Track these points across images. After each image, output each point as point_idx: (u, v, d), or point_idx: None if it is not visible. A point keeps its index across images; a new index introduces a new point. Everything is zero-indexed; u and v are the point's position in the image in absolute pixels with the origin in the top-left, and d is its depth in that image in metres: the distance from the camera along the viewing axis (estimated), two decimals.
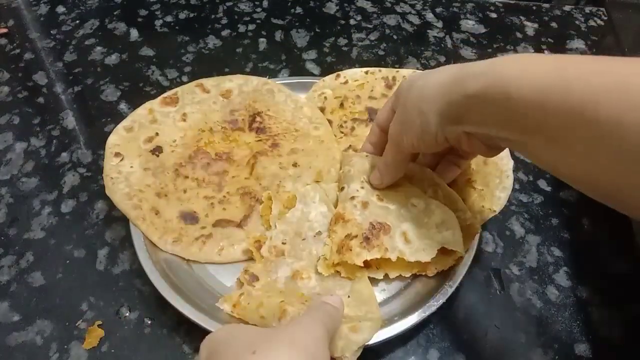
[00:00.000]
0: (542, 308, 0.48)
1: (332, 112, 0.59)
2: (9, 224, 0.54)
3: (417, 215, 0.47)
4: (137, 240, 0.48)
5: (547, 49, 0.75)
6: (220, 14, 0.80)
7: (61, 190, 0.57)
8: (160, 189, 0.52)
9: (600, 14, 0.81)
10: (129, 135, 0.55)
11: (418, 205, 0.47)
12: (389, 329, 0.42)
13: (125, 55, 0.73)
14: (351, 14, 0.81)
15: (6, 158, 0.60)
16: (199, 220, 0.50)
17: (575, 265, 0.51)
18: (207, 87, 0.60)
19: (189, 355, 0.45)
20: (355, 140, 0.57)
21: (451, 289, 0.44)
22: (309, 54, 0.74)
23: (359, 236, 0.45)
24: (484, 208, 0.49)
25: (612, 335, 0.46)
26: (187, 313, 0.43)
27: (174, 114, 0.57)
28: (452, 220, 0.46)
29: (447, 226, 0.46)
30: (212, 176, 0.53)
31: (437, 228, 0.46)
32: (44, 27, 0.78)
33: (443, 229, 0.46)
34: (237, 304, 0.43)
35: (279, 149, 0.56)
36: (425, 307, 0.43)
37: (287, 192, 0.52)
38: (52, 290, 0.49)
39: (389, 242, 0.45)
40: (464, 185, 0.51)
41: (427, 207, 0.47)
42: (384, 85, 0.60)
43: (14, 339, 0.46)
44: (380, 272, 0.46)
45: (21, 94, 0.68)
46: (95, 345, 0.45)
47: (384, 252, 0.44)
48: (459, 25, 0.79)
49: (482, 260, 0.51)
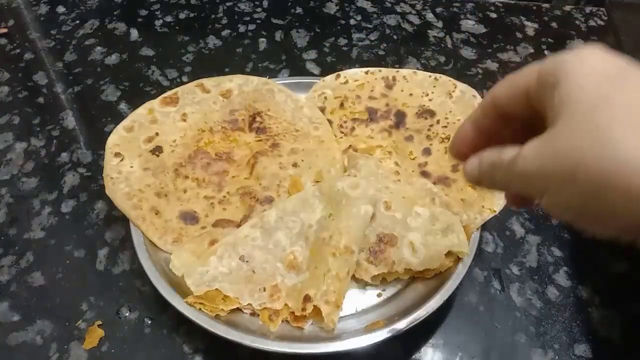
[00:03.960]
0: (542, 308, 0.48)
1: (332, 112, 0.59)
2: (9, 224, 0.54)
3: (423, 223, 0.47)
4: (137, 240, 0.48)
5: (547, 49, 0.75)
6: (220, 14, 0.80)
7: (61, 190, 0.57)
8: (160, 189, 0.52)
9: (600, 14, 0.81)
10: (129, 135, 0.54)
11: (423, 213, 0.48)
12: (389, 329, 0.42)
13: (125, 55, 0.73)
14: (351, 14, 0.81)
15: (6, 158, 0.60)
16: (199, 220, 0.50)
17: (575, 265, 0.51)
18: (207, 87, 0.59)
19: (189, 355, 0.45)
20: (355, 140, 0.57)
21: (451, 289, 0.44)
22: (309, 54, 0.74)
23: (366, 250, 0.46)
24: (484, 208, 0.49)
25: (612, 335, 0.46)
26: (187, 313, 0.43)
27: (174, 114, 0.57)
28: (456, 223, 0.47)
29: (452, 230, 0.46)
30: (212, 176, 0.53)
31: (442, 233, 0.46)
32: (44, 27, 0.78)
33: (448, 232, 0.46)
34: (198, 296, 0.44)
35: (279, 149, 0.56)
36: (425, 307, 0.43)
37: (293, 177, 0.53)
38: (52, 290, 0.49)
39: (396, 254, 0.46)
40: (463, 185, 0.51)
41: (432, 214, 0.47)
42: (384, 85, 0.60)
43: (14, 339, 0.46)
44: (378, 276, 0.46)
45: (21, 94, 0.68)
46: (95, 345, 0.45)
47: (391, 265, 0.46)
48: (459, 25, 0.79)
49: (482, 260, 0.51)
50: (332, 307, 0.43)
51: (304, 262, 0.46)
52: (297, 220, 0.48)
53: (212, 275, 0.44)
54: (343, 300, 0.44)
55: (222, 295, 0.44)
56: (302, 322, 0.43)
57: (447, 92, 0.58)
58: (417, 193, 0.50)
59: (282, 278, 0.45)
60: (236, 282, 0.44)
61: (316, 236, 0.47)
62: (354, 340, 0.41)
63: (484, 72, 0.72)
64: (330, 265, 0.44)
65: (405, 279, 0.47)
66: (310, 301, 0.43)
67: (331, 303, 0.43)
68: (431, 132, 0.56)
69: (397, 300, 0.46)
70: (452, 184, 0.52)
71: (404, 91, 0.60)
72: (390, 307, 0.45)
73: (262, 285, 0.45)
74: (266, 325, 0.43)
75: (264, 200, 0.51)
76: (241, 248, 0.46)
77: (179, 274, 0.44)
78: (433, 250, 0.45)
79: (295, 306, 0.44)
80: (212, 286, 0.44)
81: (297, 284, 0.45)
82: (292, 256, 0.46)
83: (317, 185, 0.50)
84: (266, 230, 0.47)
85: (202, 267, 0.44)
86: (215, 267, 0.45)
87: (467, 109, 0.56)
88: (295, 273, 0.46)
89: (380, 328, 0.42)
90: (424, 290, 0.46)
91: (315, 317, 0.43)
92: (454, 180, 0.52)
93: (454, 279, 0.45)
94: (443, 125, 0.56)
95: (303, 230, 0.47)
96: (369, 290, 0.47)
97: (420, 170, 0.54)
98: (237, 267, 0.45)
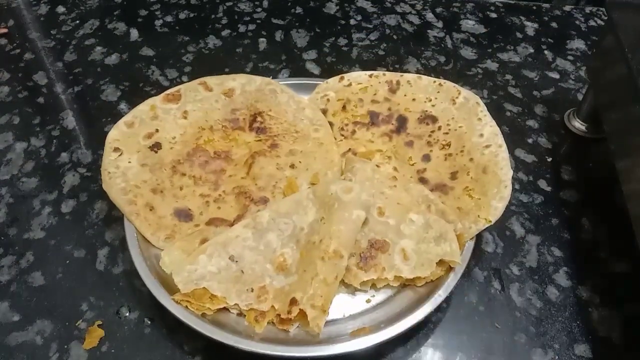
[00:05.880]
0: (542, 308, 0.48)
1: (334, 115, 0.59)
2: (9, 224, 0.54)
3: (416, 231, 0.47)
4: (130, 236, 0.48)
5: (547, 49, 0.75)
6: (220, 14, 0.80)
7: (61, 190, 0.57)
8: (157, 185, 0.52)
9: (600, 14, 0.81)
10: (129, 131, 0.54)
11: (417, 220, 0.47)
12: (389, 330, 0.42)
13: (125, 55, 0.73)
14: (351, 14, 0.81)
15: (6, 158, 0.60)
16: (193, 218, 0.50)
17: (575, 265, 0.51)
18: (210, 85, 0.59)
19: (189, 355, 0.45)
20: (356, 143, 0.57)
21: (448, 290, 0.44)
22: (309, 54, 0.74)
23: (357, 256, 0.46)
24: (480, 218, 0.48)
25: (612, 335, 0.46)
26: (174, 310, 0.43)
27: (175, 111, 0.57)
28: (450, 232, 0.46)
29: (445, 238, 0.46)
30: (209, 174, 0.53)
31: (435, 242, 0.46)
32: (44, 27, 0.78)
33: (441, 241, 0.46)
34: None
35: (277, 150, 0.56)
36: (425, 307, 0.43)
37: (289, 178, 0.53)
38: (52, 290, 0.49)
39: (387, 260, 0.46)
40: (461, 193, 0.51)
41: (426, 222, 0.47)
42: (388, 89, 0.60)
43: (14, 339, 0.46)
44: (368, 282, 0.46)
45: (21, 94, 0.68)
46: (95, 345, 0.45)
47: (381, 272, 0.45)
48: (459, 25, 0.79)
49: (482, 260, 0.51)
50: (318, 312, 0.42)
51: (293, 264, 0.46)
52: (290, 222, 0.48)
53: (200, 274, 0.44)
54: (330, 305, 0.43)
55: (209, 294, 0.43)
56: (288, 325, 0.43)
57: (450, 99, 0.58)
58: (413, 199, 0.50)
59: (270, 280, 0.45)
60: (224, 281, 0.44)
61: (307, 239, 0.47)
62: (337, 346, 0.41)
63: (484, 72, 0.72)
64: (318, 269, 0.44)
65: (395, 286, 0.47)
66: (297, 304, 0.43)
67: (317, 307, 0.42)
68: (432, 139, 0.56)
69: (386, 307, 0.45)
70: (449, 191, 0.52)
71: (407, 96, 0.59)
72: (378, 313, 0.45)
73: (250, 286, 0.45)
74: (252, 326, 0.43)
75: (258, 200, 0.51)
76: (231, 248, 0.46)
77: (168, 271, 0.44)
78: (425, 258, 0.45)
79: (282, 309, 0.43)
80: (199, 285, 0.44)
81: (285, 286, 0.45)
82: (281, 258, 0.46)
83: (311, 187, 0.50)
84: (258, 231, 0.47)
85: (191, 265, 0.44)
86: (204, 266, 0.45)
87: (470, 116, 0.56)
88: (284, 275, 0.45)
89: (365, 334, 0.42)
90: (414, 297, 0.45)
91: (301, 320, 0.43)
92: (451, 188, 0.52)
93: (451, 282, 0.45)
94: (444, 131, 0.56)
95: (295, 232, 0.47)
96: (358, 295, 0.47)
97: (418, 176, 0.54)
98: (226, 267, 0.45)
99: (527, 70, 0.72)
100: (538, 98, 0.68)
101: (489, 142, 0.53)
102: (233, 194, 0.52)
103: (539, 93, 0.69)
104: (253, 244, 0.46)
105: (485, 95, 0.68)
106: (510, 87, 0.70)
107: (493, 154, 0.52)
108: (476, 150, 0.53)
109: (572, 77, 0.71)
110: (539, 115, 0.66)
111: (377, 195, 0.49)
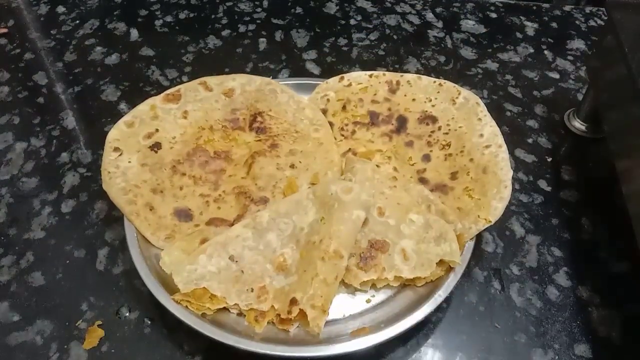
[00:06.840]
0: (542, 308, 0.48)
1: (334, 115, 0.59)
2: (9, 224, 0.54)
3: (416, 231, 0.47)
4: (130, 236, 0.48)
5: (547, 49, 0.75)
6: (220, 14, 0.80)
7: (61, 190, 0.57)
8: (157, 185, 0.52)
9: (600, 14, 0.81)
10: (129, 131, 0.54)
11: (417, 221, 0.47)
12: (389, 330, 0.42)
13: (125, 55, 0.73)
14: (351, 14, 0.81)
15: (6, 158, 0.60)
16: (192, 217, 0.50)
17: (575, 265, 0.51)
18: (210, 85, 0.59)
19: (189, 355, 0.45)
20: (356, 143, 0.57)
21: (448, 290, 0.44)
22: (309, 54, 0.74)
23: (357, 256, 0.46)
24: (480, 218, 0.48)
25: (612, 335, 0.46)
26: (173, 310, 0.43)
27: (176, 111, 0.57)
28: (450, 232, 0.47)
29: (445, 238, 0.46)
30: (209, 174, 0.53)
31: (435, 242, 0.46)
32: (44, 27, 0.78)
33: (441, 241, 0.46)
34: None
35: (277, 150, 0.56)
36: (425, 307, 0.43)
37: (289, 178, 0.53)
38: (52, 290, 0.49)
39: (387, 260, 0.46)
40: (461, 193, 0.51)
41: (426, 222, 0.47)
42: (388, 89, 0.60)
43: (14, 339, 0.46)
44: (368, 282, 0.46)
45: (21, 94, 0.68)
46: (95, 345, 0.45)
47: (381, 272, 0.45)
48: (459, 25, 0.79)
49: (482, 260, 0.51)
50: (318, 312, 0.42)
51: (293, 264, 0.46)
52: (290, 222, 0.48)
53: (200, 274, 0.44)
54: (330, 305, 0.43)
55: (209, 294, 0.43)
56: (288, 325, 0.43)
57: (450, 99, 0.58)
58: (413, 200, 0.49)
59: (270, 280, 0.45)
60: (224, 281, 0.44)
61: (307, 239, 0.47)
62: (337, 346, 0.41)
63: (484, 72, 0.72)
64: (318, 270, 0.44)
65: (395, 286, 0.47)
66: (297, 304, 0.43)
67: (317, 307, 0.42)
68: (432, 139, 0.56)
69: (386, 307, 0.45)
70: (449, 191, 0.52)
71: (407, 96, 0.59)
72: (378, 313, 0.45)
73: (250, 286, 0.45)
74: (252, 326, 0.43)
75: (258, 200, 0.51)
76: (231, 248, 0.46)
77: (168, 271, 0.44)
78: (425, 258, 0.45)
79: (282, 309, 0.43)
80: (199, 284, 0.44)
81: (285, 286, 0.45)
82: (281, 258, 0.46)
83: (311, 187, 0.50)
84: (258, 231, 0.47)
85: (191, 265, 0.44)
86: (204, 266, 0.45)
87: (470, 116, 0.56)
88: (284, 275, 0.45)
89: (365, 334, 0.42)
90: (414, 297, 0.45)
91: (301, 320, 0.43)
92: (451, 188, 0.52)
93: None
94: (444, 132, 0.56)
95: (295, 232, 0.47)
96: (358, 295, 0.47)
97: (418, 176, 0.54)
98: (226, 267, 0.45)
99: (527, 70, 0.72)
100: (538, 98, 0.68)
101: (489, 142, 0.53)
102: (233, 194, 0.52)
103: (539, 93, 0.69)
104: (253, 244, 0.46)
105: (485, 95, 0.68)
106: (510, 87, 0.70)
107: (493, 154, 0.52)
108: (476, 150, 0.53)
109: (572, 77, 0.71)
110: (539, 115, 0.66)
111: (377, 196, 0.49)
